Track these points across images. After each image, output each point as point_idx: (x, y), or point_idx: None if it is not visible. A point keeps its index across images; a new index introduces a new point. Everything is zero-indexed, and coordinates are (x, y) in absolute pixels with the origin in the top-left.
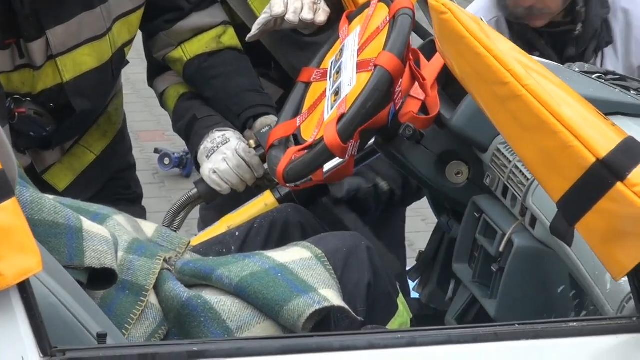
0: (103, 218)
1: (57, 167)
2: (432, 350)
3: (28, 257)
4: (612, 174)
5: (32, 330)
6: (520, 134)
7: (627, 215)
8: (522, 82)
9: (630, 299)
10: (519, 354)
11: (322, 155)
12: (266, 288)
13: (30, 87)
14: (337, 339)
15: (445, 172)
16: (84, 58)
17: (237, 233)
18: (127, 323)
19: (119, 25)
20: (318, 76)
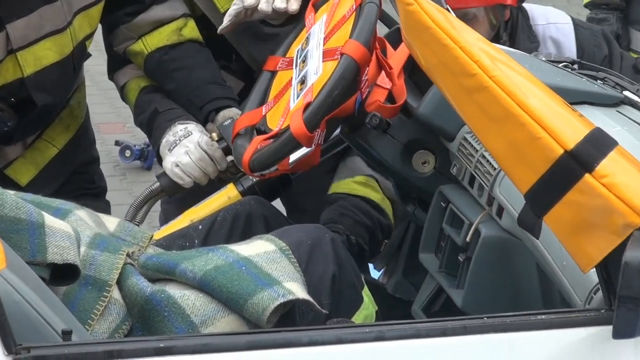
0: (65, 213)
1: (20, 162)
2: (400, 344)
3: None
4: (580, 165)
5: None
6: (488, 126)
7: (596, 207)
8: (489, 74)
9: (598, 289)
10: (488, 347)
11: (288, 144)
12: (230, 282)
13: None
14: (305, 334)
15: (412, 162)
16: (44, 52)
17: (200, 226)
18: (90, 319)
19: (80, 18)
20: (284, 65)
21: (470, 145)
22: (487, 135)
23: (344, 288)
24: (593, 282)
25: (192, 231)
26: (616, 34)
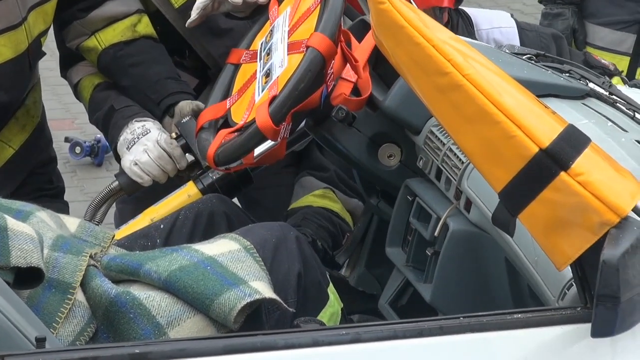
0: (26, 215)
1: None
2: (377, 346)
3: None
4: (556, 163)
5: None
6: (462, 125)
7: (571, 204)
8: (462, 72)
9: (571, 286)
10: (465, 347)
11: (254, 138)
12: (196, 282)
13: None
14: (281, 337)
15: (378, 155)
16: None
17: (162, 225)
18: (55, 322)
19: (34, 14)
20: (247, 58)
21: (437, 139)
22: (460, 134)
23: (309, 286)
24: (566, 278)
25: (153, 230)
26: (572, 29)
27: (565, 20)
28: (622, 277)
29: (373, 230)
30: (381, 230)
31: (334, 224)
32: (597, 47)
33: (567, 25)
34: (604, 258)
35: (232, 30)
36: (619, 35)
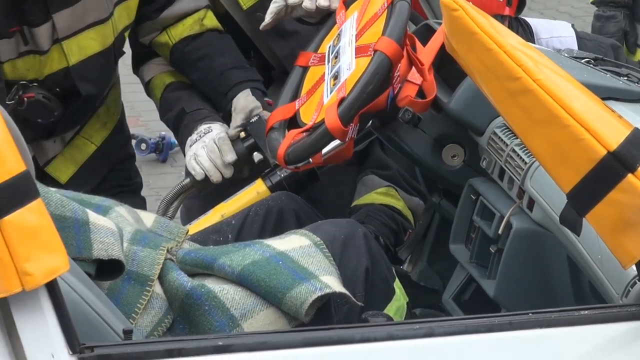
0: (106, 210)
1: (59, 159)
2: (449, 340)
3: (55, 256)
4: (623, 165)
5: (61, 328)
6: (531, 128)
7: (638, 205)
8: (533, 77)
9: (634, 283)
10: (533, 342)
11: (323, 138)
12: (268, 276)
13: (36, 72)
14: (357, 331)
15: (442, 155)
16: (88, 42)
17: (233, 221)
18: (134, 312)
19: (120, 9)
20: (316, 60)
21: (500, 140)
22: (530, 137)
23: (376, 281)
24: (630, 276)
25: (225, 226)
26: (624, 31)
27: (617, 22)
28: None
29: (435, 227)
30: (442, 228)
31: (396, 221)
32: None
33: (619, 28)
34: None
35: (298, 33)
36: None
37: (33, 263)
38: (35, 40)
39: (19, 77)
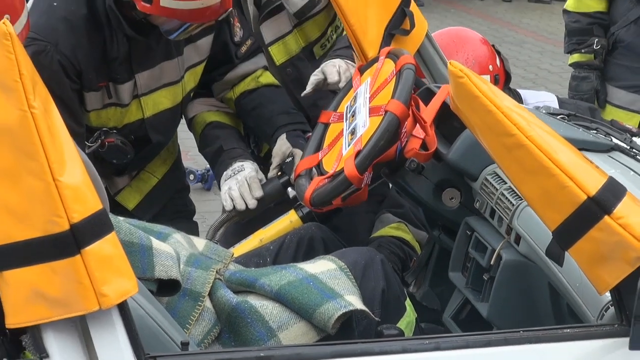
0: (165, 236)
1: (127, 190)
2: (453, 354)
3: (126, 280)
4: (601, 209)
5: (129, 340)
6: (524, 176)
7: (613, 242)
8: (526, 134)
9: (608, 308)
10: (524, 355)
11: (342, 185)
12: (301, 294)
13: (116, 121)
14: (377, 345)
15: (442, 198)
16: (162, 99)
17: (271, 247)
18: (188, 324)
19: (189, 74)
20: (335, 118)
21: (491, 185)
22: (522, 183)
23: (391, 300)
24: (604, 302)
25: (264, 251)
26: (595, 89)
27: (590, 82)
28: None
29: (435, 256)
30: (441, 257)
31: (404, 251)
32: (615, 105)
33: (592, 87)
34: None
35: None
36: (632, 97)
37: (109, 286)
38: (118, 95)
39: (101, 125)
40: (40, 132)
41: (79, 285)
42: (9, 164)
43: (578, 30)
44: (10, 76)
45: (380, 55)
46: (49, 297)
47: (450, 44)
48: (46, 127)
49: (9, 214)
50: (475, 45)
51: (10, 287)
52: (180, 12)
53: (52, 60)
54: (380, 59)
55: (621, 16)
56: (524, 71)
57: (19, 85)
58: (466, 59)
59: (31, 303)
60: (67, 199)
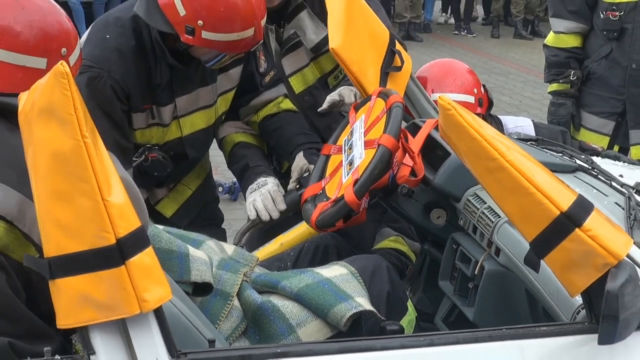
0: (199, 243)
1: (165, 200)
2: (445, 349)
3: (162, 288)
4: (572, 222)
5: (163, 339)
6: (504, 195)
7: (583, 251)
8: (506, 158)
9: (579, 311)
10: (507, 349)
11: (343, 209)
12: (317, 296)
13: (158, 139)
14: (379, 342)
15: (430, 217)
16: (197, 120)
17: (292, 253)
18: (218, 320)
19: (221, 99)
20: (335, 151)
21: (473, 205)
22: (503, 201)
23: (395, 301)
24: (576, 305)
25: (285, 256)
26: (571, 114)
27: (567, 108)
28: (620, 302)
29: (426, 267)
30: (432, 267)
31: (401, 261)
32: (587, 129)
33: (568, 112)
34: (607, 289)
35: (331, 113)
36: (603, 122)
37: (149, 293)
38: (160, 116)
39: (145, 142)
40: (91, 158)
41: (123, 291)
42: (63, 186)
43: (557, 63)
44: (66, 110)
45: (372, 95)
46: (96, 301)
47: (442, 72)
48: (95, 154)
49: (62, 230)
50: (462, 73)
51: (62, 293)
52: (218, 44)
53: (105, 85)
54: (372, 98)
55: (594, 52)
56: (509, 98)
57: (74, 118)
58: (454, 83)
59: (80, 307)
60: (114, 216)
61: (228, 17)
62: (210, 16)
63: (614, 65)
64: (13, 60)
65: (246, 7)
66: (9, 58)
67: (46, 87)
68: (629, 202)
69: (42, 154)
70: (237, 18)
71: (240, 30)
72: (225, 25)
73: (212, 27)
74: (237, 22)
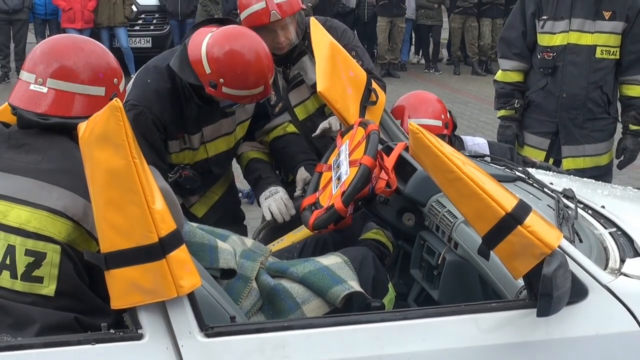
0: (225, 237)
1: (197, 204)
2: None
3: (194, 277)
4: (515, 221)
5: (195, 316)
6: (461, 200)
7: (524, 243)
8: (462, 171)
9: (521, 291)
10: (465, 322)
11: (333, 215)
12: (318, 280)
13: (189, 160)
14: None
15: (402, 219)
16: (220, 145)
17: (297, 245)
18: (240, 298)
19: (239, 127)
20: (326, 169)
21: (435, 209)
22: (460, 205)
23: (378, 283)
24: (519, 286)
25: (293, 248)
26: (516, 134)
27: (512, 129)
28: (553, 283)
29: (400, 258)
30: (404, 258)
31: (381, 250)
32: (529, 145)
33: (513, 132)
34: (543, 273)
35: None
36: (540, 139)
37: (184, 280)
38: (190, 142)
39: (179, 162)
40: (139, 174)
41: (164, 280)
42: (117, 196)
43: (504, 94)
44: (119, 136)
45: (354, 124)
46: (143, 288)
47: (416, 101)
48: (142, 171)
49: (115, 230)
50: (432, 102)
51: (115, 281)
52: (235, 97)
53: (147, 119)
54: (354, 127)
55: (533, 84)
56: (468, 122)
57: (126, 143)
58: (426, 110)
59: (130, 292)
60: (157, 220)
61: (244, 77)
62: (230, 76)
63: (549, 95)
64: (79, 90)
65: (259, 69)
66: (77, 89)
67: (103, 117)
68: (558, 204)
69: (99, 170)
70: (251, 79)
71: (253, 88)
72: (241, 84)
73: (230, 84)
74: (250, 82)
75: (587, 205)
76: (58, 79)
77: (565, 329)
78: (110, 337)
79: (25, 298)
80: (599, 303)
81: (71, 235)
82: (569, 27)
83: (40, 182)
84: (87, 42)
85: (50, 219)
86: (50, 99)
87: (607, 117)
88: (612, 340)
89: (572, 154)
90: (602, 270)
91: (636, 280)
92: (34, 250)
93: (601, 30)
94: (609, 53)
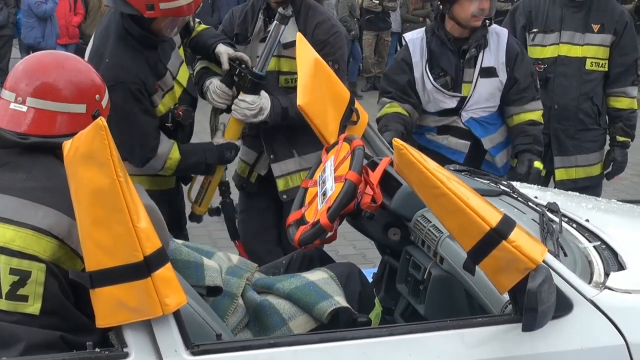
0: (211, 254)
1: None
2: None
3: (179, 294)
4: (499, 236)
5: (180, 335)
6: (446, 215)
7: (509, 258)
8: (447, 187)
9: (507, 306)
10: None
11: (319, 231)
12: (304, 295)
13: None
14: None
15: (388, 234)
16: (184, 73)
17: (284, 262)
18: (226, 315)
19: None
20: (312, 184)
21: (421, 224)
22: (445, 220)
23: (365, 298)
24: (504, 301)
25: (278, 264)
26: None
27: None
28: (538, 298)
29: (386, 273)
30: (391, 273)
31: None
32: None
33: None
34: (528, 287)
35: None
36: None
37: (169, 298)
38: (165, 84)
39: (168, 107)
40: (124, 193)
41: (149, 298)
42: (102, 214)
43: None
44: (104, 155)
45: (339, 140)
46: (128, 306)
47: None
48: (127, 189)
49: (100, 249)
50: None
51: (100, 299)
52: (173, 9)
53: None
54: (339, 142)
55: None
56: None
57: (110, 162)
58: None
59: (116, 310)
60: (142, 239)
61: None
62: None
63: None
64: (59, 109)
65: None
66: (57, 107)
67: (87, 136)
68: (543, 218)
69: (84, 189)
70: None
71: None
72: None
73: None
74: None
75: (571, 218)
76: (37, 98)
77: (551, 343)
78: (96, 356)
79: (10, 317)
80: (583, 317)
81: (56, 254)
82: (559, 40)
83: (25, 201)
84: (70, 58)
85: (35, 237)
86: (30, 118)
87: (598, 127)
88: (597, 354)
89: (564, 165)
90: (586, 284)
91: (620, 294)
92: (18, 269)
93: (590, 42)
94: (598, 65)
